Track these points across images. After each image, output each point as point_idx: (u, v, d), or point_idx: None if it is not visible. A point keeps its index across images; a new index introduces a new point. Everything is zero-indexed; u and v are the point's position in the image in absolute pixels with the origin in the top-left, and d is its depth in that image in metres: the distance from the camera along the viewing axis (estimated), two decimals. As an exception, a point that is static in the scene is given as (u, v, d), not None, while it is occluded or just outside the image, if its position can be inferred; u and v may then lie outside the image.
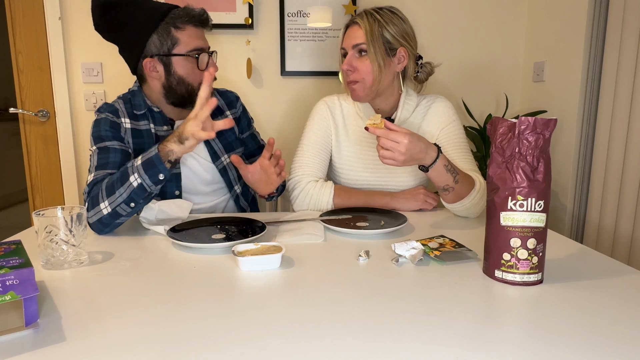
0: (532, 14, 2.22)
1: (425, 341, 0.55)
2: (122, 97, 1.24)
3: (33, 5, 2.04)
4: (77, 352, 0.53)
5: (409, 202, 1.22)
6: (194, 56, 1.16)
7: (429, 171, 1.05)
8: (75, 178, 2.15)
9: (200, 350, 0.53)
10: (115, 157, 1.11)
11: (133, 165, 1.01)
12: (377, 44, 1.19)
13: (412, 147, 0.99)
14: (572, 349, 0.53)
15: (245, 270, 0.79)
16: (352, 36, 1.22)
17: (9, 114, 2.11)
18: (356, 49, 1.21)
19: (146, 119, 1.21)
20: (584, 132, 1.92)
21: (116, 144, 1.14)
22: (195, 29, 1.16)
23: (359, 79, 1.22)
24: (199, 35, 1.17)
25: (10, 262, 0.62)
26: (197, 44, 1.16)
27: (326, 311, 0.63)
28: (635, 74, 1.64)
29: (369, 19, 1.20)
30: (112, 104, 1.22)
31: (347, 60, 1.22)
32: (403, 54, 1.23)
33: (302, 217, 1.13)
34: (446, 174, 1.06)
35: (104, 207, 1.00)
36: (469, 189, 1.10)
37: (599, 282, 0.74)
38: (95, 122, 1.18)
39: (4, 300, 0.55)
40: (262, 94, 2.19)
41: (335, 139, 1.33)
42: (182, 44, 1.15)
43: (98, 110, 1.20)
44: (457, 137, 1.28)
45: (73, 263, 0.81)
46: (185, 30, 1.15)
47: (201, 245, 0.90)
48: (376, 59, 1.19)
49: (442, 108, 1.31)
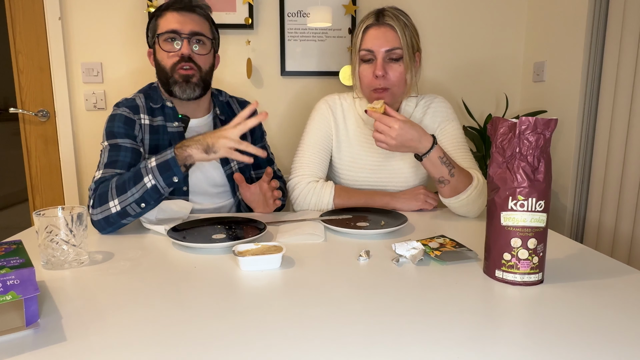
0: (532, 14, 2.22)
1: (426, 341, 0.55)
2: (143, 91, 1.27)
3: (33, 5, 2.04)
4: (77, 351, 0.53)
5: (409, 202, 1.22)
6: (166, 39, 1.18)
7: (423, 160, 1.08)
8: (75, 178, 2.15)
9: (201, 350, 0.53)
10: (125, 156, 1.12)
11: (147, 166, 1.01)
12: (410, 49, 1.15)
13: (403, 132, 1.03)
14: (573, 349, 0.53)
15: (246, 270, 0.79)
16: (384, 39, 1.14)
17: (9, 114, 2.11)
18: (389, 54, 1.15)
19: (161, 114, 1.23)
20: (584, 132, 1.92)
21: (128, 142, 1.15)
22: (172, 14, 1.18)
23: (389, 86, 1.17)
24: (176, 19, 1.18)
25: (10, 262, 0.62)
26: (169, 27, 1.17)
27: (326, 311, 0.63)
28: (635, 73, 1.64)
29: (400, 22, 1.14)
30: (133, 98, 1.23)
31: (380, 64, 1.14)
32: (417, 58, 1.22)
33: (302, 217, 1.13)
34: (441, 166, 1.08)
35: (112, 206, 1.00)
36: (465, 184, 1.11)
37: (599, 282, 0.74)
38: (110, 117, 1.19)
39: (4, 300, 0.55)
40: (262, 94, 2.19)
41: (336, 139, 1.32)
42: (159, 29, 1.19)
43: (116, 105, 1.22)
44: (456, 136, 1.27)
45: (73, 263, 0.81)
46: (163, 17, 1.19)
47: (201, 245, 0.90)
48: (409, 66, 1.16)
49: (440, 108, 1.31)
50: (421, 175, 1.31)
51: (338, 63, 2.17)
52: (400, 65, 1.16)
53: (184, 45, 1.17)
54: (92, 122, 2.13)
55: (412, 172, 1.29)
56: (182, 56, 1.17)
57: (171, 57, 1.18)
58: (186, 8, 1.19)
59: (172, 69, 1.18)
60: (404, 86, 1.19)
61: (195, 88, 1.19)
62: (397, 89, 1.19)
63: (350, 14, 2.13)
